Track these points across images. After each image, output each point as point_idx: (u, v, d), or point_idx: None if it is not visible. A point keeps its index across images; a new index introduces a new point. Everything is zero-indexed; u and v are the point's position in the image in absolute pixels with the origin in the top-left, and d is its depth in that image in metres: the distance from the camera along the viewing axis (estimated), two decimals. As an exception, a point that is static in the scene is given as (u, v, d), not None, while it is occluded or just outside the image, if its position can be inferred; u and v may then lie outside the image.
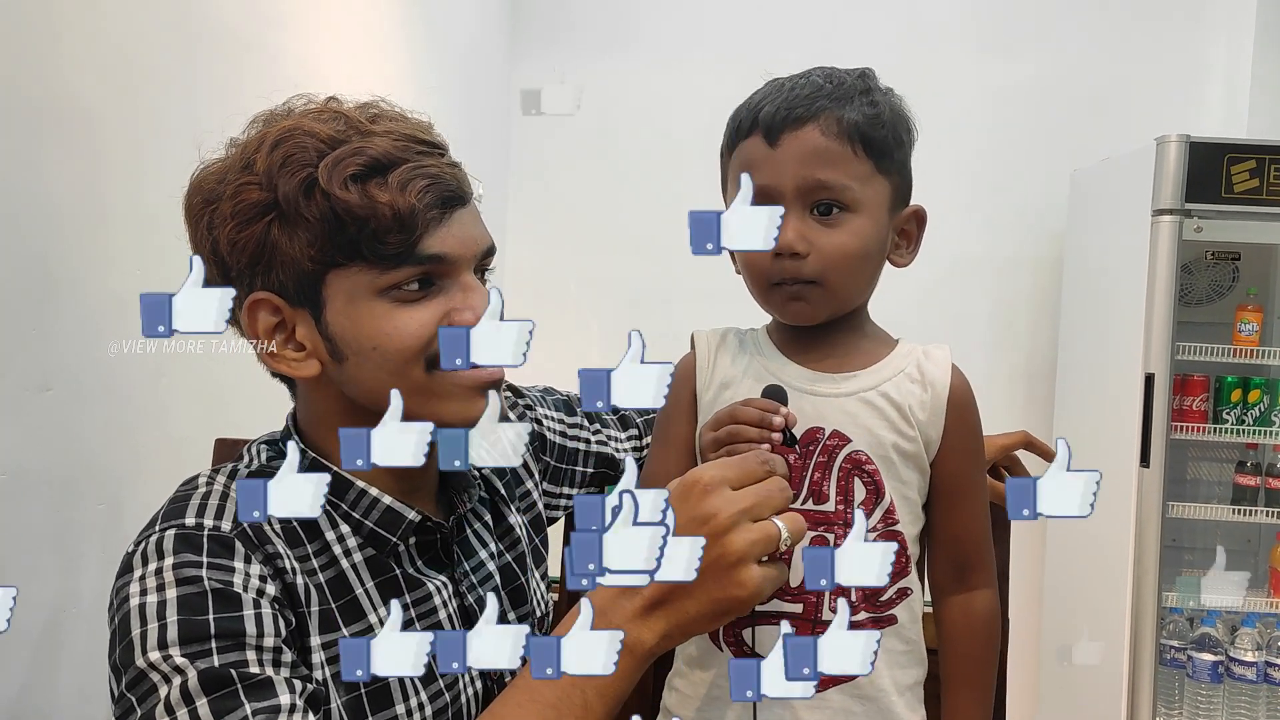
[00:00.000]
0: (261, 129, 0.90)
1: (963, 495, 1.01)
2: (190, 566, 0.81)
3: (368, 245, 0.85)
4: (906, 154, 0.99)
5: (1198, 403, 2.69)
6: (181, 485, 0.91)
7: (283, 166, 0.85)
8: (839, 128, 0.93)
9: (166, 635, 0.77)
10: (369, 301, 0.87)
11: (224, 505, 0.87)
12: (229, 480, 0.90)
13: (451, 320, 0.88)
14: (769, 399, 0.93)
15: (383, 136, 0.87)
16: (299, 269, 0.87)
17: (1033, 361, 3.18)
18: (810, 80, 0.97)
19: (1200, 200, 2.50)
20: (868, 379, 0.99)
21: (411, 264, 0.87)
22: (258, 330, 0.90)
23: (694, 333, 1.09)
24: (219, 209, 0.87)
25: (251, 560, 0.84)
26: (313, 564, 0.89)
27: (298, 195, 0.85)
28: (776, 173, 0.94)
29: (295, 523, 0.90)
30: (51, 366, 1.14)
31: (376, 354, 0.88)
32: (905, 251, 1.02)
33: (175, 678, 0.75)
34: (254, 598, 0.81)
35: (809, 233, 0.94)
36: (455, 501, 1.03)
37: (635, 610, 0.77)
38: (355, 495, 0.93)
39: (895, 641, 0.99)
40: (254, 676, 0.76)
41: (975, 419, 1.02)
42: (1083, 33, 3.13)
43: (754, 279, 1.00)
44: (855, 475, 0.97)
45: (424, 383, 0.89)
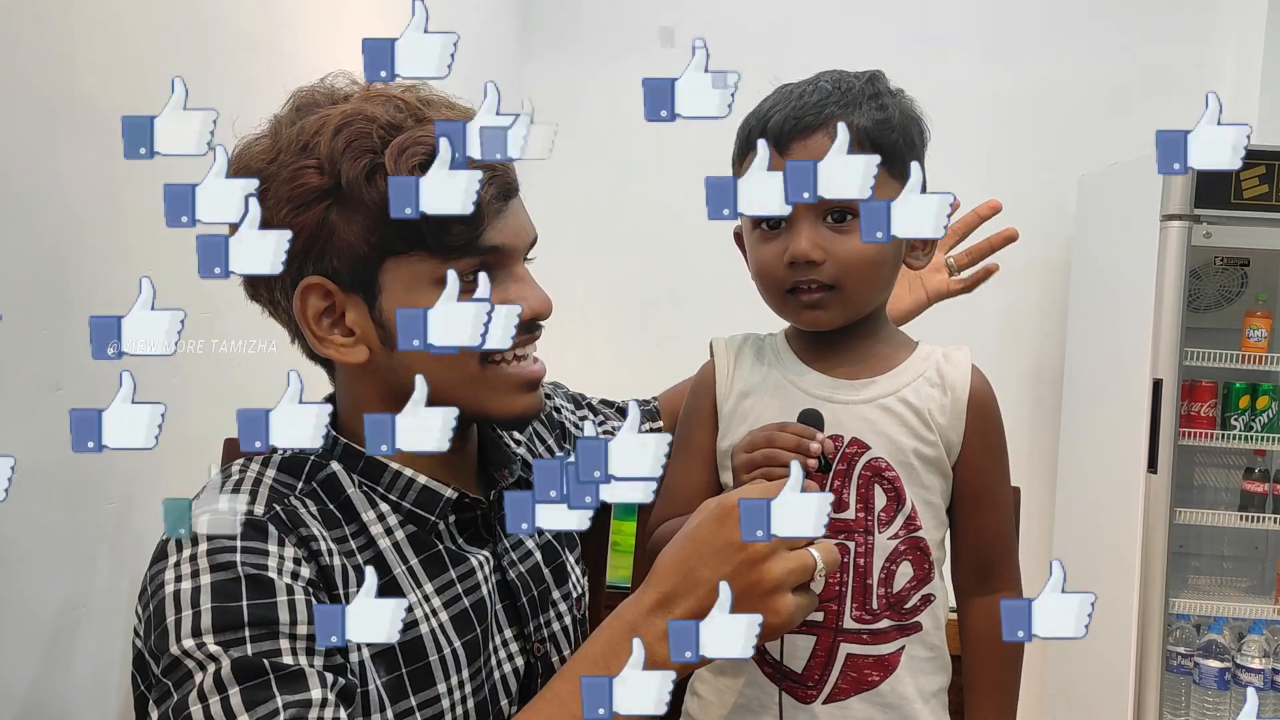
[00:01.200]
0: (317, 111, 0.88)
1: (986, 498, 1.00)
2: (224, 552, 0.81)
3: (431, 234, 0.85)
4: (920, 155, 0.99)
5: (1206, 409, 2.68)
6: (217, 472, 0.91)
7: (346, 151, 0.85)
8: (849, 134, 0.93)
9: (200, 623, 0.77)
10: (427, 290, 0.87)
11: (257, 490, 0.88)
12: (263, 467, 0.91)
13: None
14: (805, 424, 0.93)
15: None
16: (355, 255, 0.86)
17: (1040, 367, 3.17)
18: (819, 86, 0.97)
19: (1209, 206, 2.50)
20: (886, 384, 0.99)
21: (473, 254, 0.87)
22: (307, 314, 0.90)
23: (712, 340, 1.09)
24: (272, 190, 0.86)
25: (285, 543, 0.84)
26: (350, 545, 0.89)
27: (360, 181, 0.84)
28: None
29: (332, 505, 0.90)
30: (63, 366, 1.14)
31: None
32: (921, 254, 1.02)
33: (209, 665, 0.75)
34: (288, 583, 0.81)
35: (823, 241, 0.94)
36: (495, 477, 1.03)
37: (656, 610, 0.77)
38: (391, 477, 0.93)
39: (919, 648, 0.98)
40: (287, 668, 0.77)
41: (996, 421, 1.01)
42: (1090, 38, 3.13)
43: (768, 286, 0.99)
44: (875, 482, 0.97)
45: (477, 374, 0.90)
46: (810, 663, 0.97)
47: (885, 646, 0.96)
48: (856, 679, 0.96)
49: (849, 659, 0.96)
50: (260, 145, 0.90)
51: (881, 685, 0.96)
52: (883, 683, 0.96)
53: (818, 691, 0.96)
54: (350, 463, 0.93)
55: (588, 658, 0.79)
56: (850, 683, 0.96)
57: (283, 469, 0.91)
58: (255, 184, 0.64)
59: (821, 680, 0.96)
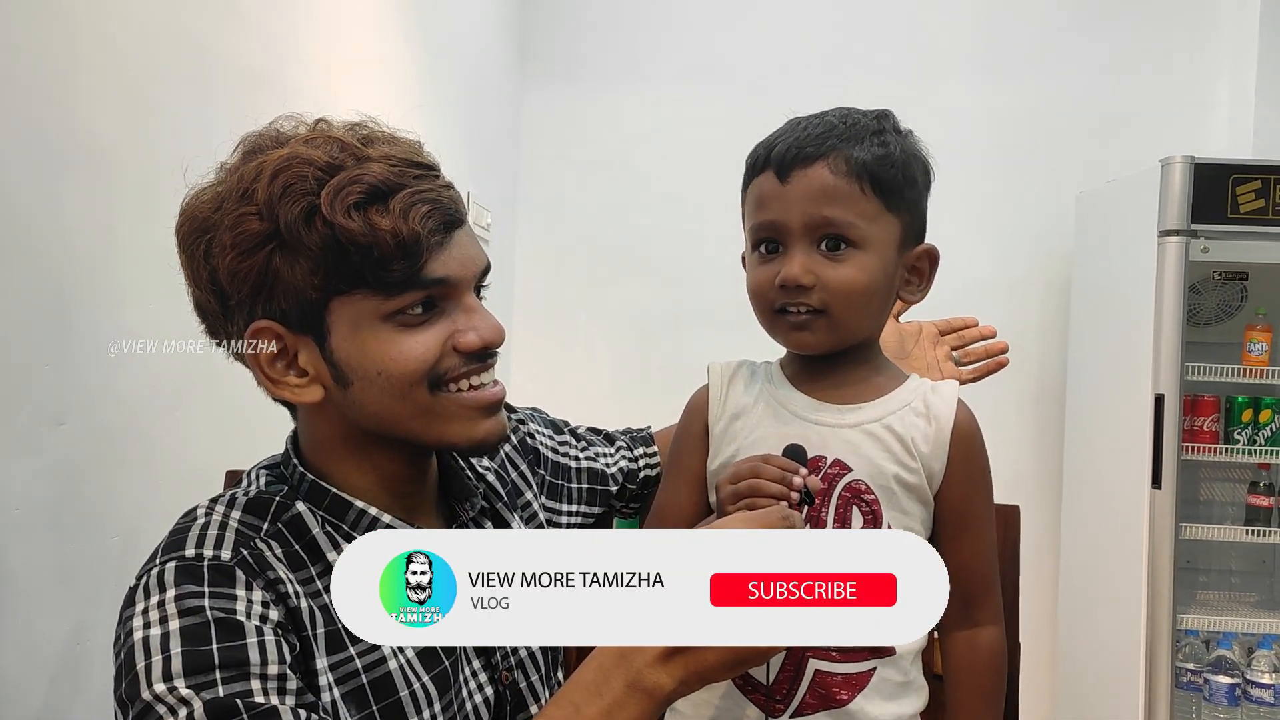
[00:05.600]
0: (257, 157, 0.89)
1: (966, 528, 1.01)
2: (192, 598, 0.81)
3: (371, 272, 0.86)
4: (919, 194, 1.00)
5: (1208, 423, 2.68)
6: (181, 518, 0.91)
7: (283, 196, 0.85)
8: (848, 166, 0.95)
9: (171, 667, 0.77)
10: (373, 327, 0.88)
11: (223, 535, 0.87)
12: (228, 509, 0.90)
13: (455, 342, 0.90)
14: (789, 459, 0.95)
15: (379, 162, 0.87)
16: (302, 297, 0.87)
17: (1042, 384, 3.17)
18: (825, 120, 0.99)
19: (1206, 221, 2.51)
20: (872, 411, 1.00)
21: (416, 289, 0.88)
22: (259, 358, 0.90)
23: (710, 365, 1.10)
24: (217, 238, 0.87)
25: (253, 587, 0.84)
26: (316, 585, 0.89)
27: (299, 224, 0.85)
28: (785, 208, 0.96)
29: (297, 545, 0.90)
30: (65, 401, 1.15)
31: (382, 379, 0.89)
32: (916, 289, 1.03)
33: (181, 709, 0.75)
34: (257, 624, 0.81)
35: (815, 266, 0.95)
36: (457, 510, 1.04)
37: (656, 656, 0.77)
38: (355, 515, 0.93)
39: (892, 671, 0.99)
40: (259, 706, 0.77)
41: (980, 454, 1.02)
42: (1087, 56, 3.15)
43: (760, 306, 1.01)
44: (854, 504, 0.98)
45: (428, 404, 0.91)
46: (779, 677, 0.98)
47: (854, 666, 0.97)
48: (824, 695, 0.97)
49: (817, 675, 0.97)
50: (207, 194, 0.91)
51: (850, 704, 0.97)
52: (851, 702, 0.97)
53: (785, 705, 0.97)
54: (316, 500, 0.94)
55: (579, 684, 0.79)
56: (818, 699, 0.97)
57: (248, 510, 0.91)
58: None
59: (789, 695, 0.97)
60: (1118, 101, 3.13)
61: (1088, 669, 2.84)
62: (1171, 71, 3.12)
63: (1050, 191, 3.12)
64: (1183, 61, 3.12)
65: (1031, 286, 3.19)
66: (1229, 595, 2.88)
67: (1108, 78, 3.14)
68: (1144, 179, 2.60)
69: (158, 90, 1.32)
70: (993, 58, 3.19)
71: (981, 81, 3.18)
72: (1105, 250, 2.86)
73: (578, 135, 3.28)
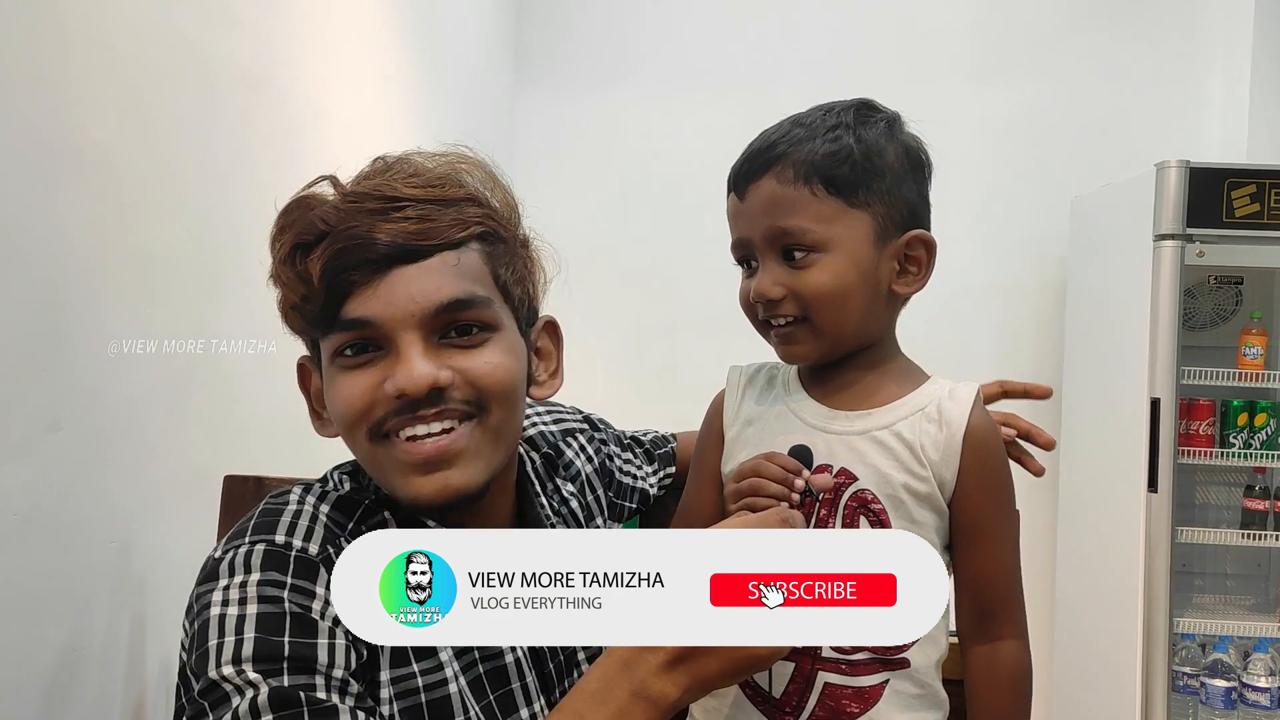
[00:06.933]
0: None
1: (983, 538, 0.98)
2: (274, 586, 0.82)
3: (304, 314, 0.89)
4: (894, 182, 0.96)
5: (1204, 427, 2.69)
6: (271, 498, 0.92)
7: (273, 240, 0.90)
8: (794, 172, 0.94)
9: (241, 651, 0.79)
10: (329, 368, 0.91)
11: (313, 527, 0.88)
12: (318, 502, 0.91)
13: (384, 390, 0.87)
14: (794, 459, 0.95)
15: (341, 201, 0.89)
16: (305, 338, 0.92)
17: (1038, 388, 3.17)
18: (780, 126, 0.98)
19: (1201, 225, 2.52)
20: (882, 417, 0.98)
21: (338, 330, 0.88)
22: (310, 392, 0.96)
23: (730, 368, 1.10)
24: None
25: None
26: None
27: (275, 268, 0.90)
28: (747, 224, 0.97)
29: None
30: (61, 406, 1.14)
31: (336, 422, 0.91)
32: (914, 279, 0.99)
33: (247, 691, 0.77)
34: (330, 626, 0.82)
35: (782, 278, 0.95)
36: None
37: (659, 664, 0.77)
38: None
39: (906, 684, 0.96)
40: (321, 703, 0.78)
41: (996, 461, 0.99)
42: (1081, 61, 3.16)
43: (749, 320, 1.02)
44: (861, 514, 0.96)
45: (369, 453, 0.91)
46: (789, 688, 0.96)
47: (866, 679, 0.95)
48: (834, 708, 0.95)
49: (827, 688, 0.95)
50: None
51: (861, 718, 0.95)
52: (862, 715, 0.95)
53: (794, 717, 0.96)
54: (394, 510, 0.94)
55: (584, 692, 0.79)
56: (828, 711, 0.95)
57: (336, 506, 0.92)
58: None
59: (799, 707, 0.96)
60: (1113, 106, 3.14)
61: (1084, 672, 2.84)
62: (1166, 76, 3.13)
63: (1045, 196, 3.12)
64: (1177, 66, 3.13)
65: (1027, 291, 3.19)
66: (1225, 599, 2.88)
67: (1103, 82, 3.15)
68: (1139, 183, 2.61)
69: (154, 94, 1.32)
70: (988, 63, 3.20)
71: (977, 86, 3.19)
72: (1100, 254, 2.87)
73: (572, 141, 3.29)
